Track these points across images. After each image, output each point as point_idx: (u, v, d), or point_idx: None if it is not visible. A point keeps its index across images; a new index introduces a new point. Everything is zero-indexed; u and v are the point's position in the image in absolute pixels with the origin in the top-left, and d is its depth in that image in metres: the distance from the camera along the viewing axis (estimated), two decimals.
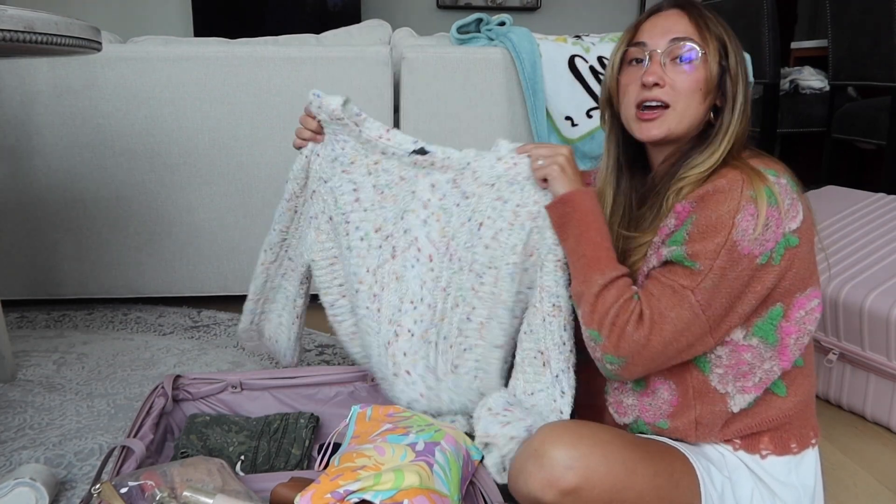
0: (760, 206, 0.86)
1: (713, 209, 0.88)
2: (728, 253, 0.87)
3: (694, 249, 0.88)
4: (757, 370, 0.94)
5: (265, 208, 2.04)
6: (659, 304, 0.90)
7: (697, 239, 0.88)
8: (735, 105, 0.95)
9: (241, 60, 1.94)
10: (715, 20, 0.97)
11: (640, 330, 0.90)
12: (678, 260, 0.90)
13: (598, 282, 0.95)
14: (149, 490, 0.92)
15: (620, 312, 0.92)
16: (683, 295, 0.89)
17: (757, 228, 0.86)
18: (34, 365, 1.68)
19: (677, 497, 0.93)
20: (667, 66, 0.95)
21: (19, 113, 1.93)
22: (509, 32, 2.04)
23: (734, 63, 0.95)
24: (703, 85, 0.94)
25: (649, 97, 0.96)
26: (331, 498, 0.86)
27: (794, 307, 0.94)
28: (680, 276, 0.90)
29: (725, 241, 0.87)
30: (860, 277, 1.44)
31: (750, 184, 0.87)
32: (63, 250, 2.03)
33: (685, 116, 0.96)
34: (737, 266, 0.87)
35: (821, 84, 3.23)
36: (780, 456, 0.97)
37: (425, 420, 1.12)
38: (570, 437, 0.90)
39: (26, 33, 1.06)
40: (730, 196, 0.87)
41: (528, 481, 0.90)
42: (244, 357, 1.74)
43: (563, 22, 4.56)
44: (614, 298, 0.93)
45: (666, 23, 0.97)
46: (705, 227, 0.88)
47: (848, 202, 1.73)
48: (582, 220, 0.98)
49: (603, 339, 0.93)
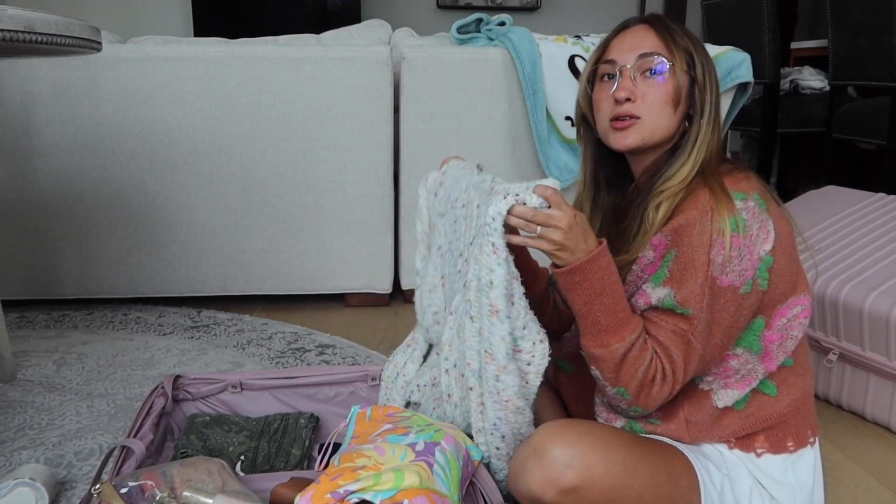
0: (726, 238, 0.88)
1: (688, 245, 0.90)
2: (710, 290, 0.89)
3: (682, 296, 0.90)
4: (741, 370, 0.97)
5: (265, 208, 2.04)
6: (672, 355, 0.92)
7: (679, 280, 0.90)
8: (704, 113, 0.97)
9: (241, 60, 1.94)
10: (681, 32, 0.99)
11: (665, 385, 0.92)
12: (670, 308, 0.92)
13: (618, 350, 0.91)
14: (149, 490, 0.92)
15: (646, 374, 0.93)
16: (687, 339, 0.91)
17: (732, 260, 0.89)
18: (34, 365, 1.68)
19: (677, 495, 0.93)
20: (637, 81, 0.97)
21: (19, 113, 1.93)
22: (509, 32, 2.04)
23: (701, 73, 0.97)
24: (673, 96, 0.97)
25: (621, 112, 0.98)
26: (331, 498, 0.86)
27: (775, 317, 0.96)
28: (678, 320, 0.92)
29: (705, 278, 0.89)
30: (860, 277, 1.44)
31: (719, 214, 0.89)
32: (63, 250, 2.03)
33: (657, 127, 0.98)
34: (720, 299, 0.90)
35: (821, 84, 3.23)
36: (776, 454, 0.97)
37: (425, 420, 1.12)
38: (569, 435, 0.91)
39: (26, 33, 1.06)
40: (701, 230, 0.89)
41: (527, 480, 0.90)
42: (244, 357, 1.74)
43: (563, 22, 4.56)
44: (638, 362, 0.92)
45: (633, 39, 0.99)
46: (684, 266, 0.90)
47: (848, 202, 1.73)
48: (593, 287, 0.91)
49: (631, 398, 0.94)
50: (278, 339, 1.87)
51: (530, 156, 2.09)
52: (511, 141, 2.07)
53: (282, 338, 1.87)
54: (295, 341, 1.85)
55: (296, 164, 2.02)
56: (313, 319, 2.05)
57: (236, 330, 1.93)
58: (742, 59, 2.02)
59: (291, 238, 2.08)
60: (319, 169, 2.03)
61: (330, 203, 2.06)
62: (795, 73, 3.31)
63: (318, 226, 2.07)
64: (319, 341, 1.85)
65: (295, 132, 2.00)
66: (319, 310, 2.14)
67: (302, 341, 1.85)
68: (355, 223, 2.08)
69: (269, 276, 2.10)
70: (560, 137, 2.04)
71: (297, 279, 2.11)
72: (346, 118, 2.00)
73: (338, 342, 1.84)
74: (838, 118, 2.91)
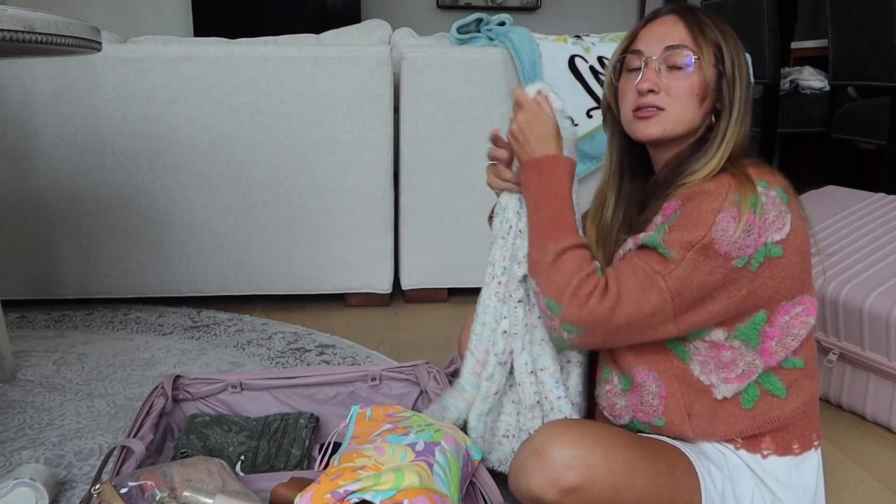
0: (743, 211, 0.88)
1: (696, 206, 0.90)
2: (703, 248, 0.89)
3: (671, 238, 0.90)
4: (739, 362, 0.95)
5: (265, 208, 2.04)
6: (628, 283, 0.92)
7: (676, 229, 0.90)
8: (733, 109, 0.96)
9: (241, 60, 1.94)
10: (712, 25, 0.97)
11: (604, 302, 0.92)
12: (653, 245, 0.91)
13: (551, 250, 0.97)
14: (149, 490, 0.92)
15: (582, 284, 0.93)
16: (654, 279, 0.91)
17: (737, 231, 0.88)
18: (34, 365, 1.68)
19: (678, 496, 0.93)
20: (662, 73, 0.97)
21: (19, 113, 1.93)
22: (509, 32, 2.04)
23: (731, 67, 0.96)
24: (699, 90, 0.96)
25: (644, 103, 0.98)
26: (331, 498, 0.86)
27: (778, 313, 0.95)
28: (653, 261, 0.91)
29: (703, 236, 0.88)
30: (860, 277, 1.44)
31: (737, 188, 0.89)
32: (63, 250, 2.03)
33: (681, 120, 0.97)
34: (711, 262, 0.89)
35: (821, 84, 3.23)
36: (781, 456, 0.97)
37: (425, 420, 1.12)
38: (571, 435, 0.91)
39: (26, 33, 1.06)
40: (714, 196, 0.89)
41: (528, 480, 0.90)
42: (244, 357, 1.74)
43: (563, 22, 4.56)
44: (574, 269, 0.95)
45: (661, 29, 0.98)
46: (686, 221, 0.90)
47: (848, 202, 1.73)
48: (541, 187, 1.00)
49: (562, 309, 0.94)
50: (278, 339, 1.87)
51: None
52: None
53: (282, 338, 1.87)
54: (295, 341, 1.85)
55: (296, 164, 2.02)
56: (313, 319, 2.05)
57: (236, 330, 1.93)
58: None
59: (291, 238, 2.08)
60: (319, 169, 2.03)
61: (330, 203, 2.06)
62: (795, 73, 3.31)
63: (318, 226, 2.07)
64: (319, 341, 1.85)
65: (295, 132, 2.00)
66: (319, 310, 2.14)
67: (302, 341, 1.85)
68: (355, 223, 2.08)
69: (269, 276, 2.10)
70: None
71: (297, 279, 2.11)
72: (346, 118, 2.00)
73: (338, 342, 1.84)
74: (838, 118, 2.91)
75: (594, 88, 2.03)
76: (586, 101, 2.03)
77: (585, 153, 2.05)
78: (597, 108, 2.04)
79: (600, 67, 2.04)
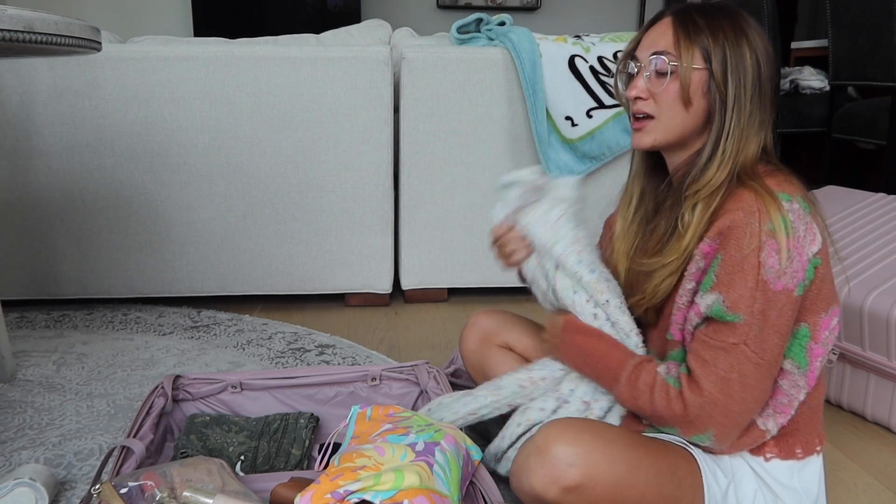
0: (780, 239, 0.86)
1: (736, 249, 0.88)
2: (762, 294, 0.87)
3: (731, 300, 0.88)
4: (794, 401, 0.95)
5: (265, 208, 2.04)
6: (717, 370, 0.89)
7: (728, 285, 0.88)
8: (726, 109, 0.94)
9: (241, 60, 1.94)
10: (705, 24, 0.95)
11: (675, 403, 0.92)
12: (719, 317, 0.89)
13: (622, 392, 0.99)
14: (149, 490, 0.92)
15: (665, 401, 0.93)
16: (737, 351, 0.88)
17: (782, 262, 0.87)
18: (34, 365, 1.68)
19: (680, 496, 0.93)
20: (651, 80, 0.97)
21: (19, 113, 1.93)
22: (509, 32, 2.04)
23: (721, 67, 0.93)
24: (681, 95, 0.95)
25: (636, 110, 0.99)
26: (331, 498, 0.86)
27: (820, 328, 0.93)
28: (726, 334, 0.89)
29: (756, 283, 0.87)
30: (860, 277, 1.44)
31: (767, 215, 0.87)
32: (63, 250, 2.03)
33: (671, 126, 0.97)
34: (776, 304, 0.87)
35: (821, 84, 3.23)
36: (784, 460, 0.97)
37: (425, 420, 1.12)
38: (573, 434, 0.91)
39: (26, 33, 1.06)
40: (749, 231, 0.87)
41: (530, 478, 0.90)
42: (244, 357, 1.74)
43: (563, 22, 4.56)
44: (647, 395, 0.95)
45: (654, 35, 0.98)
46: (732, 269, 0.88)
47: (848, 202, 1.73)
48: (575, 357, 1.06)
49: (677, 428, 0.94)
50: (278, 339, 1.87)
51: (530, 156, 2.09)
52: (511, 141, 2.07)
53: (282, 338, 1.87)
54: (295, 341, 1.85)
55: (296, 164, 2.02)
56: (313, 319, 2.05)
57: (236, 330, 1.93)
58: None
59: (291, 238, 2.08)
60: (319, 169, 2.03)
61: (330, 203, 2.06)
62: (795, 73, 3.31)
63: (318, 226, 2.07)
64: (319, 341, 1.85)
65: (295, 132, 2.00)
66: (319, 310, 2.14)
67: (302, 341, 1.85)
68: (355, 223, 2.08)
69: (269, 276, 2.10)
70: (560, 137, 2.04)
71: (297, 279, 2.11)
72: (346, 118, 2.00)
73: (338, 342, 1.84)
74: (838, 118, 2.91)
75: (594, 88, 2.03)
76: (586, 100, 2.03)
77: (585, 153, 2.05)
78: (597, 108, 2.04)
79: (600, 67, 2.03)
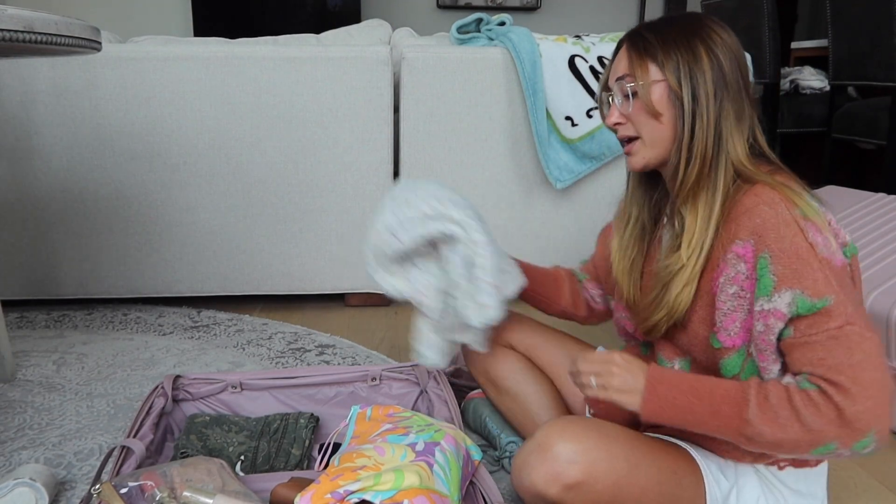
0: (816, 220, 0.86)
1: (778, 241, 0.85)
2: (832, 271, 0.84)
3: (811, 288, 0.83)
4: None
5: (265, 208, 2.04)
6: (840, 361, 0.81)
7: (796, 276, 0.84)
8: (685, 112, 0.93)
9: (241, 60, 1.94)
10: (654, 38, 0.96)
11: (826, 405, 0.80)
12: (808, 310, 0.83)
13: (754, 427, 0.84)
14: (149, 490, 0.92)
15: (807, 406, 0.81)
16: (848, 333, 0.82)
17: (830, 239, 0.86)
18: (34, 365, 1.68)
19: (680, 494, 0.93)
20: (622, 104, 0.99)
21: (19, 113, 1.93)
22: (509, 32, 2.04)
23: (674, 74, 0.94)
24: (650, 110, 0.96)
25: (620, 136, 1.02)
26: (331, 498, 0.86)
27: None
28: (826, 322, 0.83)
29: (820, 262, 0.84)
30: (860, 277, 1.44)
31: (791, 202, 0.86)
32: (63, 250, 2.03)
33: (656, 142, 0.98)
34: (844, 278, 0.86)
35: (821, 84, 3.23)
36: (799, 468, 0.97)
37: (425, 420, 1.12)
38: (574, 431, 0.91)
39: (26, 33, 1.06)
40: (782, 220, 0.85)
41: (531, 475, 0.90)
42: (244, 357, 1.74)
43: (563, 22, 4.56)
44: (786, 408, 0.82)
45: (616, 62, 1.01)
46: (790, 261, 0.84)
47: (848, 202, 1.73)
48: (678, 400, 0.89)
49: (834, 447, 0.81)
50: (278, 339, 1.87)
51: (530, 156, 2.09)
52: (511, 141, 2.07)
53: (282, 338, 1.87)
54: (295, 341, 1.85)
55: (296, 164, 2.02)
56: (313, 319, 2.06)
57: (236, 330, 1.93)
58: None
59: (291, 238, 2.08)
60: (319, 169, 2.03)
61: (330, 203, 2.06)
62: (795, 73, 3.31)
63: (318, 226, 2.07)
64: (319, 341, 1.85)
65: (295, 132, 2.00)
66: (319, 310, 2.14)
67: (302, 341, 1.85)
68: (355, 223, 2.08)
69: (269, 276, 2.10)
70: (560, 137, 2.04)
71: (297, 279, 2.11)
72: (346, 118, 2.00)
73: (338, 342, 1.84)
74: (838, 118, 2.91)
75: (594, 88, 2.03)
76: (586, 100, 2.02)
77: (585, 153, 2.05)
78: (597, 108, 2.03)
79: (600, 67, 2.03)
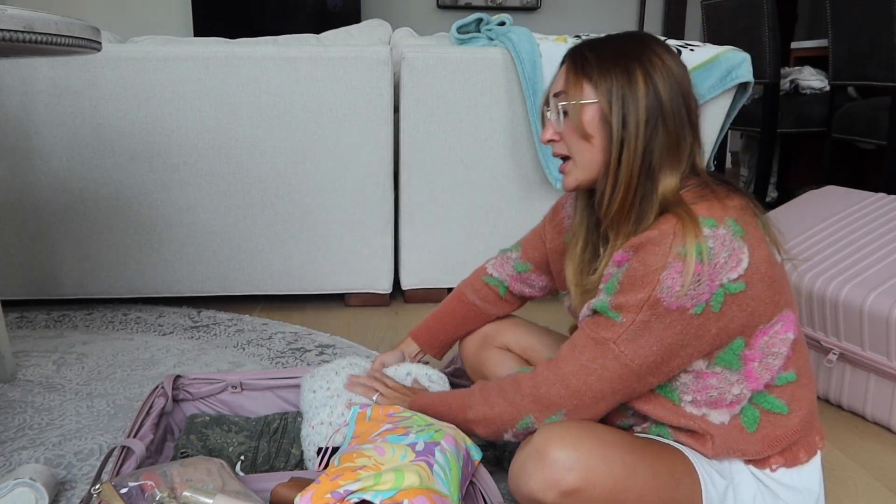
0: (688, 264, 0.86)
1: (642, 262, 0.89)
2: (651, 308, 0.88)
3: (618, 302, 0.90)
4: (726, 394, 0.94)
5: (265, 208, 2.04)
6: (581, 357, 0.93)
7: (622, 291, 0.90)
8: (613, 139, 0.93)
9: (241, 60, 1.94)
10: (593, 58, 0.95)
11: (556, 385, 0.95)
12: (602, 311, 0.92)
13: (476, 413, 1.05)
14: (149, 490, 0.92)
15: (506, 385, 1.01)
16: (606, 346, 0.91)
17: (684, 286, 0.86)
18: (34, 365, 1.68)
19: (678, 498, 0.93)
20: (557, 121, 0.99)
21: (19, 113, 1.93)
22: (509, 32, 2.04)
23: (606, 98, 0.93)
24: (580, 131, 0.96)
25: (554, 153, 1.02)
26: (331, 498, 0.86)
27: (756, 336, 0.92)
28: (602, 328, 0.92)
29: (648, 297, 0.87)
30: (860, 277, 1.44)
31: (682, 239, 0.86)
32: (63, 250, 2.03)
33: (586, 163, 0.97)
34: (664, 319, 0.88)
35: (821, 84, 3.23)
36: (791, 468, 0.97)
37: (425, 420, 1.12)
38: (571, 437, 0.90)
39: (26, 33, 1.06)
40: (659, 250, 0.87)
41: (528, 482, 0.90)
42: (244, 357, 1.74)
43: (563, 22, 4.56)
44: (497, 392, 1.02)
45: (556, 80, 1.01)
46: (632, 280, 0.89)
47: (848, 202, 1.73)
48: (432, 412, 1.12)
49: (531, 420, 0.97)
50: (278, 339, 1.87)
51: (530, 156, 2.09)
52: (511, 141, 2.07)
53: (282, 338, 1.87)
54: (295, 341, 1.85)
55: (296, 164, 2.02)
56: (313, 319, 2.06)
57: (236, 330, 1.93)
58: (742, 59, 2.02)
59: (291, 238, 2.08)
60: (319, 169, 2.03)
61: (330, 203, 2.06)
62: (795, 73, 3.31)
63: (318, 226, 2.07)
64: (319, 341, 1.85)
65: (295, 132, 2.00)
66: (319, 310, 2.14)
67: (302, 341, 1.85)
68: (355, 223, 2.08)
69: (269, 276, 2.10)
70: None
71: (297, 279, 2.11)
72: (346, 118, 2.00)
73: (338, 342, 1.84)
74: (838, 118, 2.91)
75: None
76: None
77: None
78: None
79: None
